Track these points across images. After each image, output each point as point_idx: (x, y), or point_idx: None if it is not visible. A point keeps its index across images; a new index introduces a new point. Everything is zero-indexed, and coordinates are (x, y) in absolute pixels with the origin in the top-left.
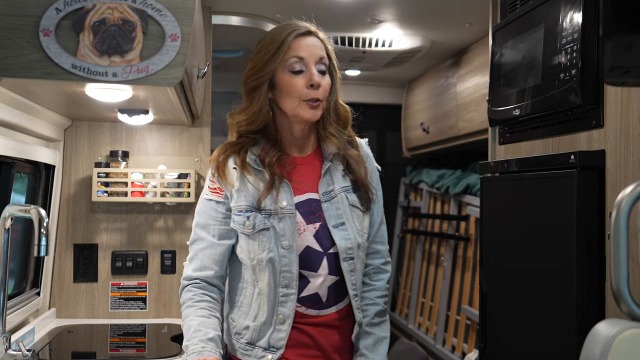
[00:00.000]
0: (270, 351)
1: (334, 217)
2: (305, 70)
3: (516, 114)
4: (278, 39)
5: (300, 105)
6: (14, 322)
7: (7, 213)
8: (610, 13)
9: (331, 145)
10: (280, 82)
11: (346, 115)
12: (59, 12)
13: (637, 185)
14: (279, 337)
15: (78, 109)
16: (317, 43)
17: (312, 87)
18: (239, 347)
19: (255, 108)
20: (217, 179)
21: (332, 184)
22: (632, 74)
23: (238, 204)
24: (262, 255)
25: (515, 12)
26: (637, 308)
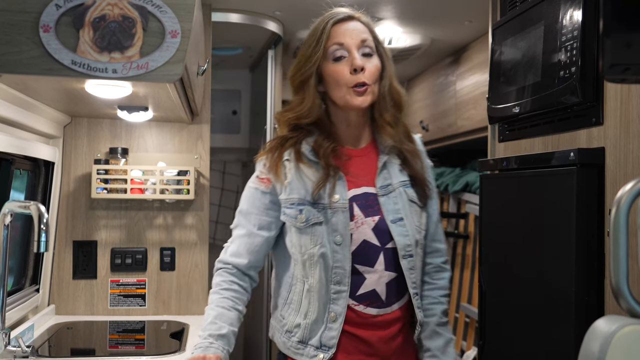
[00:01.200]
0: (322, 350)
1: (391, 211)
2: (347, 56)
3: (516, 112)
4: (318, 30)
5: (348, 93)
6: (14, 318)
7: (7, 209)
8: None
9: (387, 138)
10: (325, 73)
11: (400, 99)
12: (59, 9)
13: (636, 182)
14: (331, 336)
15: (77, 106)
16: (358, 27)
17: (356, 71)
18: (291, 346)
19: (307, 104)
20: (267, 169)
21: (390, 178)
22: (631, 71)
23: (290, 197)
24: (314, 250)
25: (515, 10)
26: (637, 305)
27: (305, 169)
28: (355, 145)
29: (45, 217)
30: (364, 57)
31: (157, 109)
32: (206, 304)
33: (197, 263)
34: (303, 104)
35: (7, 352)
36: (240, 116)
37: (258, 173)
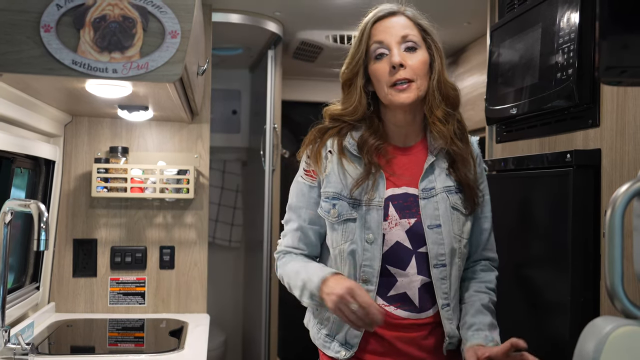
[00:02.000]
0: (345, 347)
1: (430, 216)
2: (388, 53)
3: (513, 113)
4: (361, 29)
5: (389, 92)
6: (14, 316)
7: (7, 208)
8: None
9: (438, 137)
10: (371, 72)
11: (455, 95)
12: (59, 9)
13: (632, 183)
14: (355, 334)
15: (78, 105)
16: (401, 21)
17: (394, 68)
18: (319, 338)
19: (353, 103)
20: (311, 161)
21: (434, 181)
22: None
23: (326, 190)
24: (344, 246)
25: (513, 12)
26: (631, 306)
27: (346, 164)
28: (404, 144)
29: (45, 215)
30: (406, 52)
31: (157, 108)
32: (205, 302)
33: (197, 262)
34: (349, 103)
35: (7, 350)
36: (240, 116)
37: (304, 165)
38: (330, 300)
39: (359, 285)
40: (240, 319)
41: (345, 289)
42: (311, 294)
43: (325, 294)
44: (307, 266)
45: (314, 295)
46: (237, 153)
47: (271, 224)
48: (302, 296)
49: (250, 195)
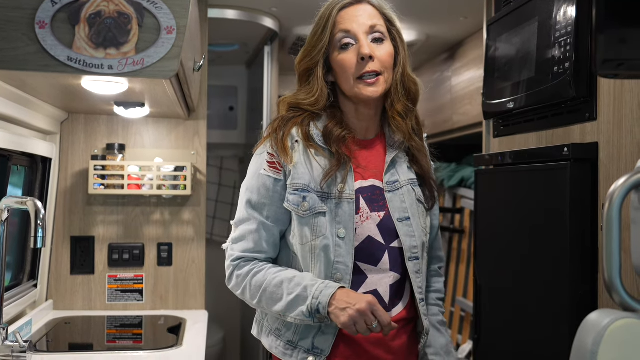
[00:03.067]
0: (313, 353)
1: (398, 209)
2: (355, 43)
3: (510, 107)
4: (324, 16)
5: (357, 84)
6: (11, 313)
7: (4, 205)
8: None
9: (397, 131)
10: (333, 62)
11: (416, 89)
12: (54, 5)
13: (629, 177)
14: (326, 338)
15: (74, 102)
16: (368, 10)
17: (364, 60)
18: (278, 346)
19: (315, 94)
20: (276, 152)
21: (397, 174)
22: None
23: (294, 182)
24: (316, 242)
25: (510, 6)
26: (629, 298)
27: (314, 153)
28: (364, 136)
29: (42, 212)
30: (374, 44)
31: (154, 105)
32: (203, 299)
33: (194, 258)
34: (310, 93)
35: (5, 347)
36: (236, 112)
37: (267, 157)
38: (346, 315)
39: (376, 300)
40: (238, 316)
41: (367, 305)
42: (313, 309)
43: (339, 308)
44: (297, 276)
45: (318, 310)
46: (234, 149)
47: None
48: (290, 310)
49: None
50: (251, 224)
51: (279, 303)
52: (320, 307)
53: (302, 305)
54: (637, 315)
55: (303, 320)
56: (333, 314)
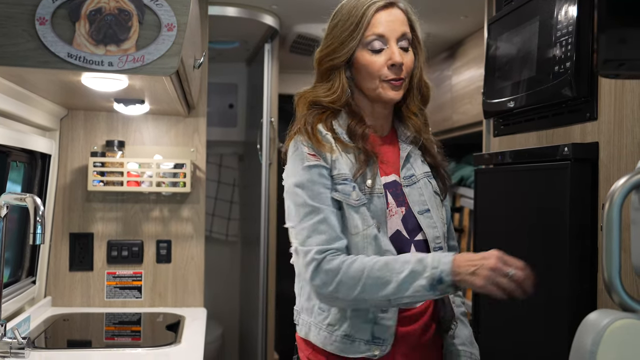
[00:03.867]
0: (375, 344)
1: (417, 202)
2: (386, 48)
3: (510, 106)
4: (356, 14)
5: (381, 86)
6: (10, 310)
7: (3, 201)
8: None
9: (411, 127)
10: (359, 61)
11: (428, 93)
12: (55, 1)
13: (630, 177)
14: (387, 326)
15: (74, 98)
16: (399, 16)
17: (394, 66)
18: (334, 341)
19: (337, 91)
20: (311, 146)
21: (412, 168)
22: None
23: (340, 173)
24: (367, 231)
25: (511, 5)
26: (629, 299)
27: (344, 149)
28: (381, 133)
29: (41, 209)
30: (401, 52)
31: (154, 102)
32: (202, 296)
33: (193, 256)
34: (332, 91)
35: (3, 344)
36: (236, 109)
37: (306, 150)
38: (481, 278)
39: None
40: (237, 313)
41: (496, 259)
42: (435, 279)
43: (468, 274)
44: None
45: (441, 279)
46: (233, 147)
47: (268, 218)
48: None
49: (247, 189)
50: (316, 215)
51: (388, 286)
52: (443, 275)
53: (420, 279)
54: (636, 315)
55: (423, 296)
56: (464, 281)
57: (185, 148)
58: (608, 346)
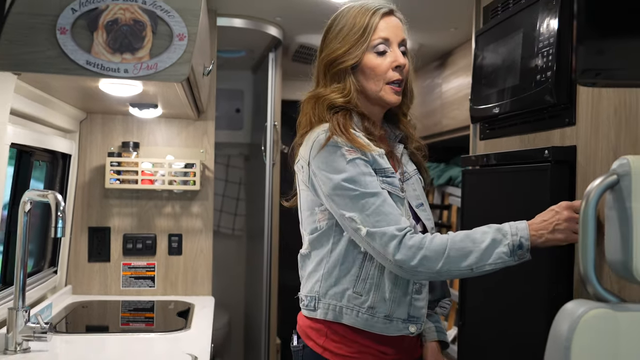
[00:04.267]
0: (410, 322)
1: (413, 197)
2: (390, 51)
3: (496, 112)
4: (363, 21)
5: (384, 89)
6: (33, 297)
7: (27, 197)
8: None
9: (400, 127)
10: (365, 64)
11: (413, 96)
12: (74, 12)
13: (604, 178)
14: (420, 306)
15: (92, 103)
16: (399, 23)
17: (398, 68)
18: (376, 322)
19: (348, 89)
20: (348, 145)
21: (404, 166)
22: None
23: (386, 167)
24: (410, 220)
25: (497, 18)
26: (602, 290)
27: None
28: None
29: (61, 205)
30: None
31: (166, 106)
32: (210, 285)
33: (202, 248)
34: (346, 92)
35: (27, 328)
36: (243, 114)
37: (345, 147)
38: (560, 233)
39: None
40: (242, 301)
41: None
42: (515, 246)
43: (548, 232)
44: (477, 229)
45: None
46: (240, 148)
47: (271, 214)
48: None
49: (252, 187)
50: (376, 200)
51: (470, 255)
52: (522, 240)
53: (500, 247)
54: (609, 305)
55: (504, 262)
56: (548, 240)
57: (195, 149)
58: (583, 333)
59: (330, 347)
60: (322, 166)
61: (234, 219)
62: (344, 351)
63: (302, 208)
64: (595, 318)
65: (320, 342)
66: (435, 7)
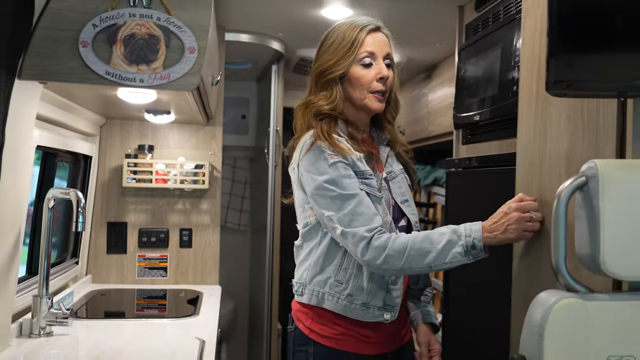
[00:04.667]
0: (386, 310)
1: (399, 194)
2: (374, 63)
3: (477, 120)
4: (351, 36)
5: (368, 97)
6: (56, 286)
7: (51, 195)
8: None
9: (386, 133)
10: (352, 75)
11: (398, 105)
12: (95, 27)
13: (574, 179)
14: (395, 296)
15: (111, 109)
16: (384, 39)
17: (382, 79)
18: (354, 308)
19: (335, 98)
20: (331, 149)
21: (391, 166)
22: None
23: (365, 170)
24: (386, 218)
25: (478, 35)
26: (572, 281)
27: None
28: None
29: (82, 201)
30: (386, 68)
31: (178, 112)
32: (217, 275)
33: (210, 241)
34: (332, 99)
35: (50, 314)
36: (248, 120)
37: (328, 152)
38: (512, 232)
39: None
40: (247, 290)
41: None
42: (469, 246)
43: (500, 232)
44: (435, 230)
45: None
46: (245, 151)
47: (274, 210)
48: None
49: (257, 186)
50: (352, 201)
51: (429, 255)
52: (475, 242)
53: (456, 248)
54: (578, 295)
55: (459, 261)
56: (501, 240)
57: (204, 151)
58: (555, 321)
59: (315, 329)
60: (308, 168)
61: (239, 215)
62: (328, 333)
63: (296, 205)
64: (566, 307)
65: (307, 324)
66: (422, 24)
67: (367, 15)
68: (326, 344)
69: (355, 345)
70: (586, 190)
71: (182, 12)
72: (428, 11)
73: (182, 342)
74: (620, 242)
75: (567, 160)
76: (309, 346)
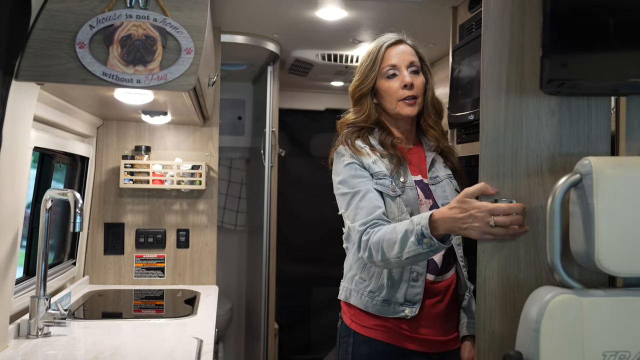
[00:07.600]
0: (407, 305)
1: (441, 197)
2: (398, 74)
3: (471, 119)
4: (373, 53)
5: (398, 105)
6: (54, 287)
7: (48, 195)
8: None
9: (431, 138)
10: (380, 88)
11: (441, 108)
12: (92, 29)
13: (568, 177)
14: (416, 292)
15: (108, 110)
16: (406, 49)
17: (406, 87)
18: (375, 304)
19: (365, 113)
20: (351, 154)
21: (437, 171)
22: (565, 86)
23: (379, 171)
24: (401, 217)
25: (471, 35)
26: (568, 278)
27: (381, 155)
28: (406, 145)
29: (79, 202)
30: (412, 75)
31: (175, 113)
32: (214, 275)
33: (207, 242)
34: (361, 112)
35: (48, 315)
36: (244, 121)
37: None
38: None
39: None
40: (244, 290)
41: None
42: (419, 235)
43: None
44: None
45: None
46: (241, 152)
47: (270, 210)
48: (403, 247)
49: (253, 187)
50: (357, 197)
51: (395, 246)
52: (423, 229)
53: (412, 237)
54: (573, 291)
55: (417, 252)
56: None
57: (201, 152)
58: (551, 316)
59: (356, 320)
60: (333, 173)
61: (236, 216)
62: (367, 323)
63: None
64: (561, 302)
65: (349, 315)
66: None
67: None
68: (365, 333)
69: (393, 337)
70: (580, 188)
71: (179, 13)
72: (422, 12)
73: (180, 341)
74: (614, 239)
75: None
76: (349, 336)
